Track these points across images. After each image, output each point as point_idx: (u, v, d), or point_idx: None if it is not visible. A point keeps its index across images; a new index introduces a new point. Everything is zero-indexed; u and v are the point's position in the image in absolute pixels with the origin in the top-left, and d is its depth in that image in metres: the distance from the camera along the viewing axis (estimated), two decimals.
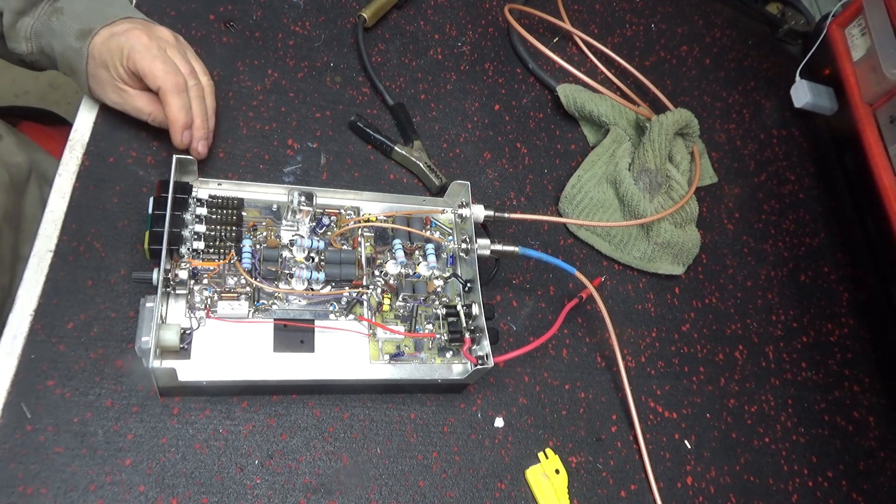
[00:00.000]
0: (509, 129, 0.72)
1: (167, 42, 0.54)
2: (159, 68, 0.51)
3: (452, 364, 0.54)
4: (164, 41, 0.54)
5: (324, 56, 0.68)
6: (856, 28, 0.83)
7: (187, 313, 0.49)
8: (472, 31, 0.77)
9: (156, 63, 0.51)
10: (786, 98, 0.89)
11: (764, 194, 0.83)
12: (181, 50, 0.55)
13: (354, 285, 0.53)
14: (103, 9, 0.54)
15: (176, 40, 0.55)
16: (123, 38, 0.51)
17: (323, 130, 0.64)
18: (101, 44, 0.52)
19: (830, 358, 0.74)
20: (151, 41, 0.52)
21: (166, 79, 0.51)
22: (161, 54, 0.52)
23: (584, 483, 0.57)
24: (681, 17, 0.92)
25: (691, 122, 0.72)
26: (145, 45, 0.51)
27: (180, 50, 0.55)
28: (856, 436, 0.70)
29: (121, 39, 0.51)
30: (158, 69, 0.51)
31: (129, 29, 0.52)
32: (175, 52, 0.54)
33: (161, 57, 0.52)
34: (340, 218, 0.57)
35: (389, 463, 0.52)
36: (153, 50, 0.51)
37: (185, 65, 0.53)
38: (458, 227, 0.59)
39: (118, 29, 0.52)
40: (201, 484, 0.47)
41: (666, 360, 0.66)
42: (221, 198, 0.53)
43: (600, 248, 0.69)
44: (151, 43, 0.52)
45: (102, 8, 0.54)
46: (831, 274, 0.80)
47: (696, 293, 0.72)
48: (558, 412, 0.59)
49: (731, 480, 0.62)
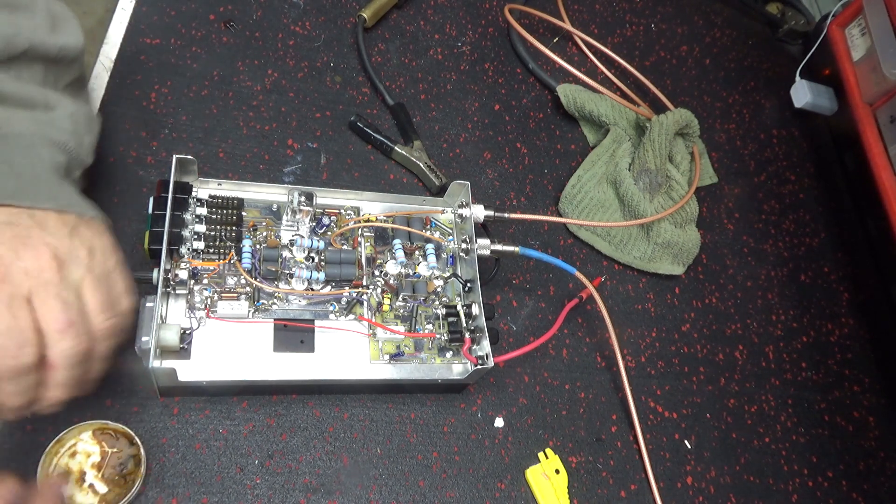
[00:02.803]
0: (509, 129, 0.72)
1: (38, 276, 0.36)
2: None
3: (452, 364, 0.54)
4: (32, 275, 0.36)
5: (324, 56, 0.68)
6: (856, 28, 0.83)
7: (187, 313, 0.49)
8: (472, 31, 0.77)
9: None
10: (786, 98, 0.89)
11: (764, 194, 0.83)
12: (65, 280, 0.37)
13: (354, 285, 0.53)
14: None
15: (59, 267, 0.37)
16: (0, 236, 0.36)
17: (323, 130, 0.64)
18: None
19: (830, 358, 0.74)
20: (35, 270, 0.36)
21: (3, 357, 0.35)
22: (13, 307, 0.35)
23: (584, 483, 0.57)
24: (681, 17, 0.92)
25: (691, 122, 0.71)
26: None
27: (63, 281, 0.37)
28: (856, 436, 0.70)
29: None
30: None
31: (23, 233, 0.36)
32: (47, 293, 0.36)
33: (13, 309, 0.35)
34: (340, 218, 0.57)
35: (389, 463, 0.52)
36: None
37: (53, 314, 0.36)
38: (458, 227, 0.59)
39: (5, 218, 0.37)
40: (201, 484, 0.47)
41: (666, 360, 0.66)
42: (221, 198, 0.53)
43: (600, 248, 0.69)
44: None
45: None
46: (831, 274, 0.80)
47: (696, 293, 0.72)
48: (558, 412, 0.59)
49: (731, 480, 0.62)
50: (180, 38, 0.63)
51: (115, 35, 0.60)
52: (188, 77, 0.61)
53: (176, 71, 0.61)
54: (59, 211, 0.39)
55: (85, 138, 0.45)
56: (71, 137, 0.43)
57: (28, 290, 0.36)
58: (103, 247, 0.40)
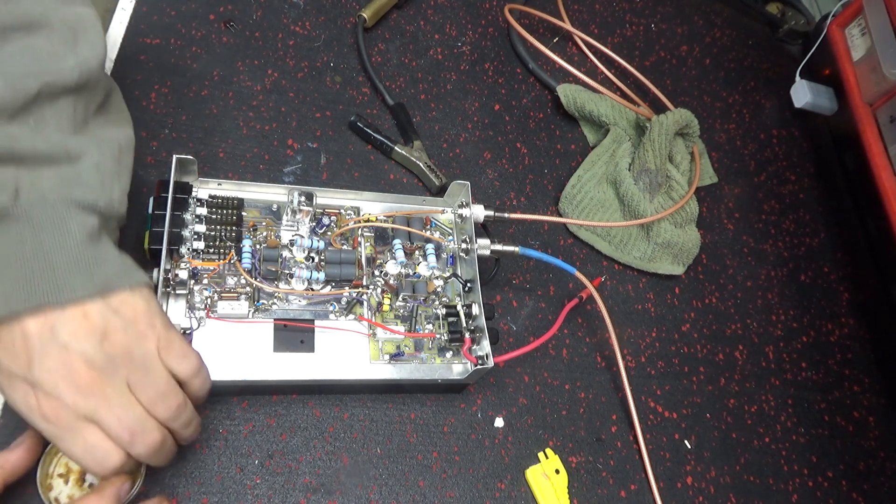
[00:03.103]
0: (509, 129, 0.72)
1: (86, 397, 0.36)
2: (77, 455, 0.37)
3: (452, 364, 0.54)
4: (109, 369, 0.37)
5: (324, 56, 0.68)
6: (856, 28, 0.83)
7: (187, 313, 0.49)
8: (472, 31, 0.77)
9: (73, 448, 0.37)
10: (786, 98, 0.89)
11: (764, 194, 0.83)
12: (155, 376, 0.39)
13: (354, 285, 0.53)
14: (38, 279, 0.36)
15: (101, 380, 0.37)
16: (39, 365, 0.35)
17: (323, 130, 0.64)
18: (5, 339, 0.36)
19: (830, 358, 0.74)
20: (80, 393, 0.36)
21: (91, 468, 0.38)
22: (80, 431, 0.36)
23: (584, 483, 0.57)
24: (681, 17, 0.92)
25: (691, 122, 0.72)
26: (61, 410, 0.36)
27: (153, 377, 0.38)
28: (856, 436, 0.70)
29: (34, 366, 0.35)
30: (77, 456, 0.37)
31: (57, 354, 0.36)
32: (98, 412, 0.36)
33: (82, 433, 0.36)
34: (340, 218, 0.57)
35: (389, 463, 0.52)
36: (69, 418, 0.36)
37: (114, 431, 0.37)
38: (458, 227, 0.59)
39: (40, 328, 0.36)
40: (201, 484, 0.47)
41: (666, 360, 0.66)
42: (221, 198, 0.53)
43: (600, 248, 0.69)
44: (78, 398, 0.36)
45: (24, 282, 0.36)
46: (831, 274, 0.80)
47: (696, 293, 0.72)
48: (558, 412, 0.59)
49: (731, 480, 0.62)
50: (180, 38, 0.63)
51: (115, 35, 0.60)
52: (188, 77, 0.61)
53: (176, 71, 0.61)
54: (92, 298, 0.37)
55: (115, 187, 0.41)
56: (100, 194, 0.40)
57: (84, 413, 0.36)
58: (145, 323, 0.39)
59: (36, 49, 0.40)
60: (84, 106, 0.42)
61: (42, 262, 0.36)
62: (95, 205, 0.39)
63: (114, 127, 0.44)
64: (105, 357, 0.37)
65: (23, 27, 0.40)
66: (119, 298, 0.38)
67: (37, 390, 0.36)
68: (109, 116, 0.45)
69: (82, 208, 0.38)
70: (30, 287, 0.36)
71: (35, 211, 0.37)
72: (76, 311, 0.37)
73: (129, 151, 0.44)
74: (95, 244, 0.39)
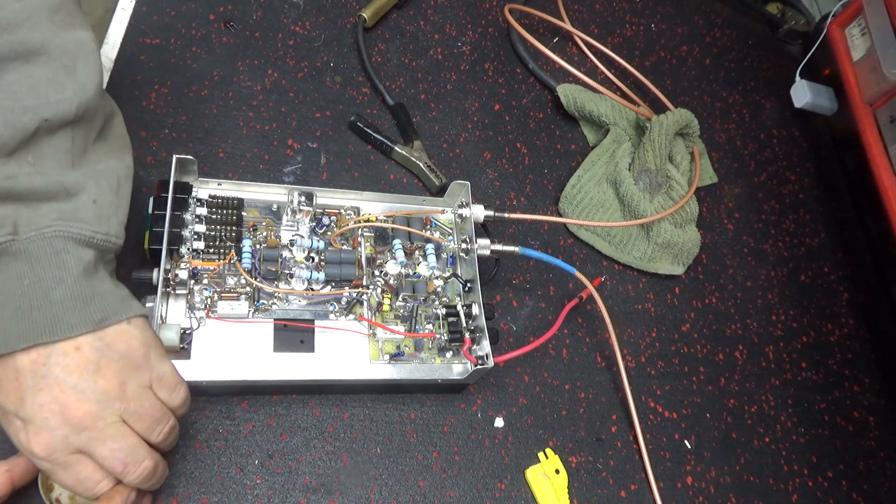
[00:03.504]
0: (509, 129, 0.72)
1: (80, 430, 0.36)
2: (69, 486, 0.38)
3: (452, 364, 0.54)
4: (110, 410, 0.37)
5: (324, 56, 0.68)
6: (856, 28, 0.83)
7: (187, 313, 0.49)
8: (472, 31, 0.77)
9: (66, 480, 0.38)
10: (786, 98, 0.89)
11: (764, 194, 0.83)
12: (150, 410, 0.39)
13: (354, 285, 0.53)
14: (39, 320, 0.36)
15: (95, 414, 0.37)
16: (31, 400, 0.36)
17: (323, 130, 0.64)
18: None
19: (830, 358, 0.74)
20: (72, 428, 0.36)
21: (83, 496, 0.39)
22: (73, 465, 0.37)
23: (584, 483, 0.57)
24: (681, 17, 0.92)
25: (691, 122, 0.72)
26: (52, 438, 0.36)
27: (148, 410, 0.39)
28: (856, 436, 0.70)
29: (26, 402, 0.36)
30: (68, 486, 0.38)
31: (49, 389, 0.36)
32: (92, 445, 0.37)
33: (74, 467, 0.37)
34: (340, 218, 0.57)
35: (389, 463, 0.52)
36: (60, 448, 0.36)
37: (108, 462, 0.38)
38: (458, 227, 0.59)
39: (31, 364, 0.36)
40: (201, 484, 0.47)
41: (666, 360, 0.66)
42: (221, 198, 0.53)
43: (600, 248, 0.69)
44: (67, 433, 0.36)
45: (21, 318, 0.36)
46: (831, 274, 0.80)
47: (696, 293, 0.72)
48: (558, 412, 0.59)
49: (731, 480, 0.62)
50: (180, 38, 0.63)
51: (115, 35, 0.60)
52: (188, 77, 0.61)
53: (176, 71, 0.61)
54: (89, 332, 0.38)
55: (112, 221, 0.41)
56: (97, 228, 0.40)
57: (77, 447, 0.37)
58: (140, 355, 0.39)
59: (34, 78, 0.39)
60: (83, 136, 0.42)
61: (40, 297, 0.37)
62: (92, 239, 0.39)
63: (113, 157, 0.44)
64: (98, 391, 0.37)
65: (20, 56, 0.39)
66: (114, 331, 0.39)
67: (27, 425, 0.36)
68: (109, 143, 0.45)
69: (79, 243, 0.39)
70: (26, 324, 0.36)
71: (33, 247, 0.37)
72: (69, 345, 0.37)
73: (128, 181, 0.44)
74: (91, 278, 0.39)
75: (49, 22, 0.41)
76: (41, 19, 0.40)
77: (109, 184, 0.42)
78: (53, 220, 0.38)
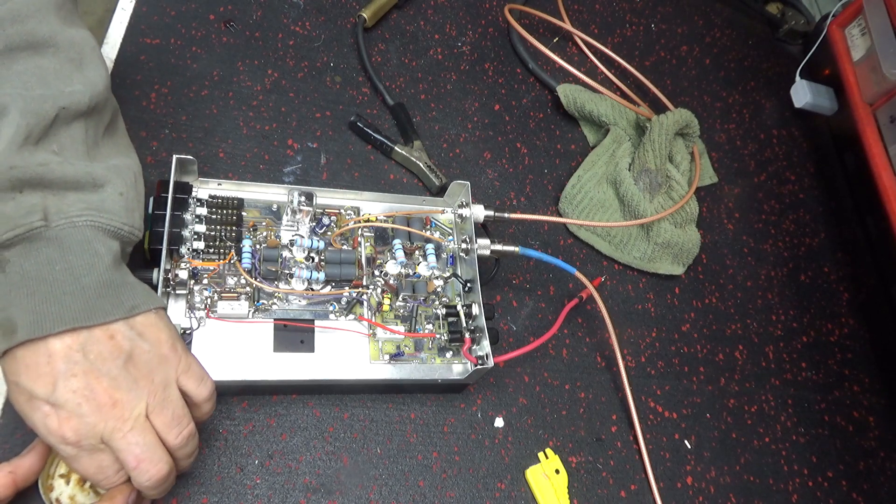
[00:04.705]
0: (509, 129, 0.72)
1: (104, 420, 0.36)
2: (90, 474, 0.38)
3: (452, 364, 0.54)
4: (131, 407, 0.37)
5: (324, 56, 0.68)
6: (856, 28, 0.83)
7: (187, 313, 0.49)
8: (472, 31, 0.77)
9: (88, 469, 0.37)
10: (786, 98, 0.89)
11: (764, 194, 0.83)
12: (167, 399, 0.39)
13: (354, 285, 0.53)
14: (56, 303, 0.36)
15: (119, 407, 0.37)
16: (64, 385, 0.36)
17: (323, 130, 0.64)
18: (16, 364, 0.36)
19: (830, 358, 0.74)
20: (101, 414, 0.36)
21: (99, 485, 0.39)
22: (97, 454, 0.37)
23: (584, 483, 0.57)
24: (681, 17, 0.92)
25: (691, 122, 0.72)
26: (69, 434, 0.36)
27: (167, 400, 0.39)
28: (856, 436, 0.70)
29: (59, 386, 0.36)
30: (89, 475, 0.38)
31: (83, 375, 0.36)
32: (113, 436, 0.37)
33: (98, 455, 0.37)
34: (340, 218, 0.57)
35: (389, 463, 0.52)
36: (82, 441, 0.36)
37: (123, 455, 0.37)
38: (458, 227, 0.59)
39: (66, 349, 0.36)
40: (201, 484, 0.47)
41: (666, 360, 0.66)
42: (221, 198, 0.53)
43: (600, 248, 0.69)
44: (81, 432, 0.36)
45: (54, 303, 0.36)
46: (831, 274, 0.80)
47: (696, 293, 0.72)
48: (558, 412, 0.59)
49: (731, 480, 0.62)
50: (180, 38, 0.63)
51: (115, 35, 0.60)
52: (188, 77, 0.61)
53: (176, 71, 0.61)
54: (118, 321, 0.38)
55: (135, 214, 0.42)
56: (124, 221, 0.40)
57: (102, 434, 0.37)
58: (168, 346, 0.40)
59: (44, 69, 0.40)
60: (94, 129, 0.42)
61: (72, 283, 0.37)
62: (120, 231, 0.40)
63: (122, 154, 0.44)
64: (130, 380, 0.37)
65: (31, 46, 0.40)
66: (143, 321, 0.39)
67: (59, 411, 0.36)
68: (116, 139, 0.45)
69: (108, 234, 0.39)
70: (60, 309, 0.36)
71: (64, 234, 0.37)
72: (102, 332, 0.37)
73: (141, 179, 0.45)
74: (119, 268, 0.40)
75: (56, 16, 0.41)
76: (49, 13, 0.41)
77: (129, 179, 0.42)
78: (83, 210, 0.38)
